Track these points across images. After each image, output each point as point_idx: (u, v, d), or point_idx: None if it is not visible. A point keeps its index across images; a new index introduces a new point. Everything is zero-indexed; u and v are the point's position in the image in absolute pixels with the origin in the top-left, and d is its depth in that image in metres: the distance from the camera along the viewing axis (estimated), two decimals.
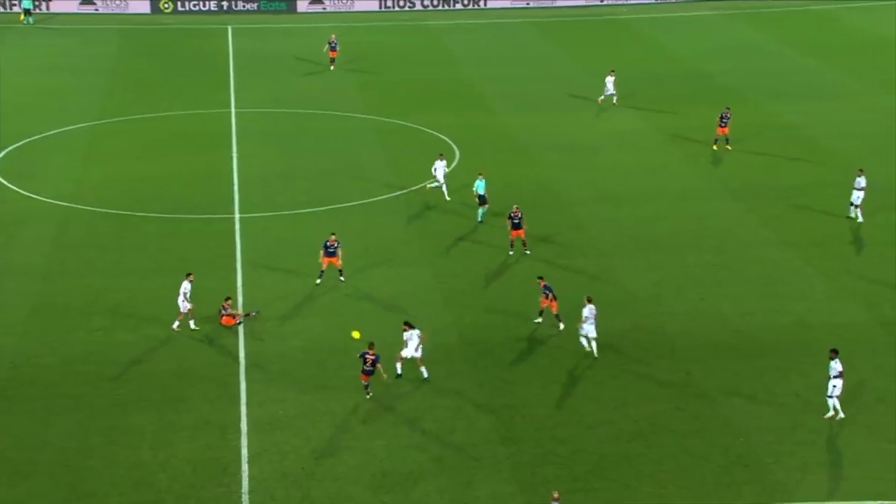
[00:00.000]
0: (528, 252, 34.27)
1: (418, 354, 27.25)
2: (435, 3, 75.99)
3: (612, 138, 46.28)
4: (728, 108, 44.34)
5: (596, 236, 35.67)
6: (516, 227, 33.96)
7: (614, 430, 25.12)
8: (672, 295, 31.79)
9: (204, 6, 74.60)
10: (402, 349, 27.37)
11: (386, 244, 35.59)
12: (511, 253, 34.31)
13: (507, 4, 76.06)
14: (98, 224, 37.35)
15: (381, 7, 75.73)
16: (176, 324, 29.78)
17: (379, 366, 26.25)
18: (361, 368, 26.37)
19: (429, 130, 47.44)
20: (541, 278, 29.93)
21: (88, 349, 28.97)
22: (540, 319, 29.90)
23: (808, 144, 44.73)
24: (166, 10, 74.00)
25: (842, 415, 25.36)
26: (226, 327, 29.83)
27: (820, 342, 28.80)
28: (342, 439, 24.88)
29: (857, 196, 36.48)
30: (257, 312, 30.57)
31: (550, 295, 29.35)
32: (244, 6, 75.02)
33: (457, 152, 44.43)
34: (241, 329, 29.76)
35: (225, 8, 74.74)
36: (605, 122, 48.59)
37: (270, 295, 31.94)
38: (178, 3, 74.23)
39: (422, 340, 27.25)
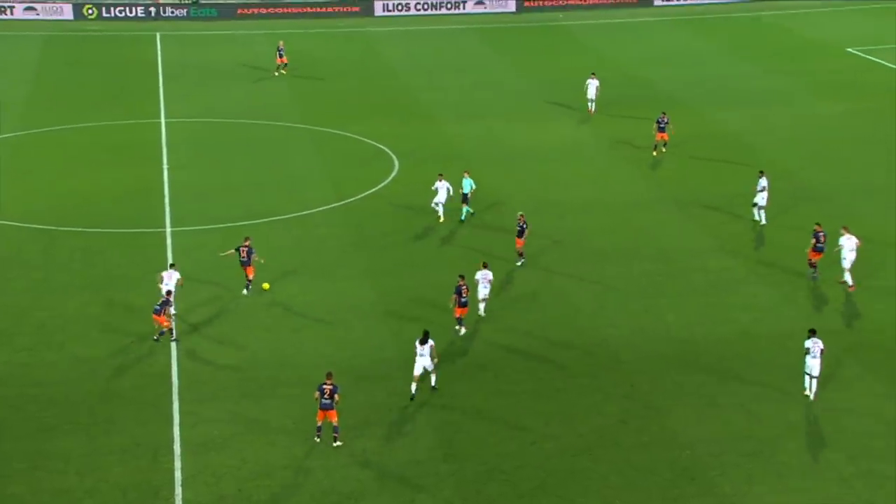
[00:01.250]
0: (519, 263, 34.42)
1: (431, 367, 27.03)
2: (389, 7, 76.03)
3: (555, 147, 46.67)
4: (664, 113, 45.03)
5: (539, 247, 35.88)
6: (519, 234, 34.35)
7: (559, 444, 25.26)
8: (616, 306, 32.10)
9: (131, 12, 73.78)
10: (414, 367, 26.80)
11: (323, 257, 35.47)
12: (518, 264, 34.44)
13: (444, 11, 76.54)
14: (21, 240, 36.68)
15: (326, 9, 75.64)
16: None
17: (337, 397, 24.81)
18: (319, 403, 24.73)
19: (367, 140, 47.43)
20: (462, 276, 30.04)
21: (11, 371, 28.40)
22: (462, 329, 30.18)
23: (748, 152, 45.52)
24: (90, 17, 72.98)
25: (815, 393, 26.73)
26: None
27: (764, 352, 29.32)
28: (279, 459, 24.68)
29: (761, 197, 37.46)
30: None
31: (462, 300, 29.68)
32: (173, 13, 74.35)
33: (396, 163, 44.46)
34: (173, 347, 29.41)
35: (153, 14, 73.99)
36: (548, 131, 49.00)
37: (203, 312, 31.61)
38: (103, 10, 73.30)
39: (433, 351, 27.01)
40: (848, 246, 32.68)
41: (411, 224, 38.12)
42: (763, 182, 37.58)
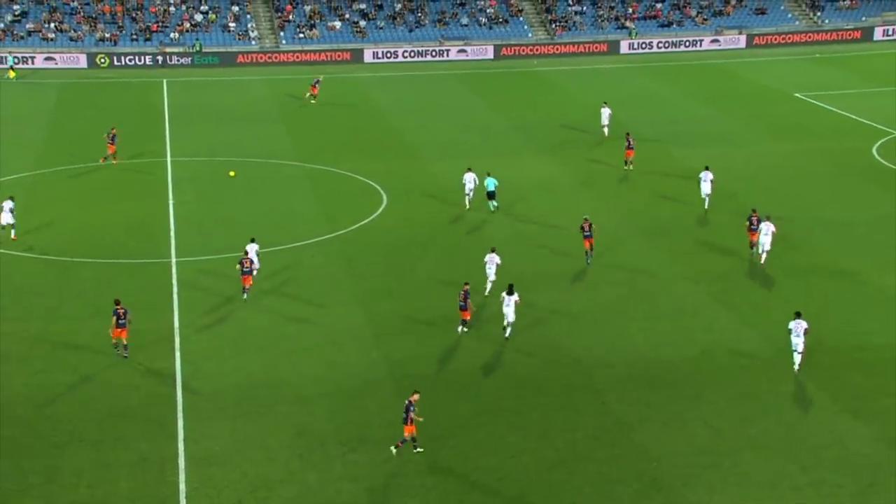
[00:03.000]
0: (589, 263, 36.56)
1: (512, 318, 30.51)
2: (378, 55, 76.54)
3: (530, 182, 46.81)
4: (628, 133, 48.26)
5: (517, 273, 35.89)
6: (587, 237, 36.45)
7: (537, 458, 25.15)
8: (589, 328, 32.09)
9: (140, 61, 73.91)
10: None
11: (317, 285, 35.37)
12: (587, 263, 36.58)
13: (429, 58, 77.00)
14: (37, 270, 36.45)
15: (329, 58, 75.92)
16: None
17: (412, 414, 24.65)
18: (404, 418, 24.72)
19: (358, 177, 47.47)
20: (466, 283, 31.45)
21: (27, 392, 28.12)
22: (464, 329, 31.22)
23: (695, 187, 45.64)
24: (103, 65, 73.07)
25: (798, 364, 28.80)
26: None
27: (725, 371, 29.35)
28: (277, 473, 24.48)
29: (706, 191, 41.84)
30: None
31: (468, 303, 30.96)
32: (179, 60, 74.52)
33: (384, 197, 44.49)
34: (177, 368, 29.22)
35: (160, 62, 74.15)
36: (524, 167, 49.17)
37: (207, 334, 31.45)
38: (115, 59, 73.42)
39: (517, 304, 30.57)
40: (764, 231, 36.32)
41: (399, 254, 38.12)
42: (708, 174, 42.00)
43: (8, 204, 39.11)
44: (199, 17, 78.61)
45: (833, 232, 39.98)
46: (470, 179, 42.62)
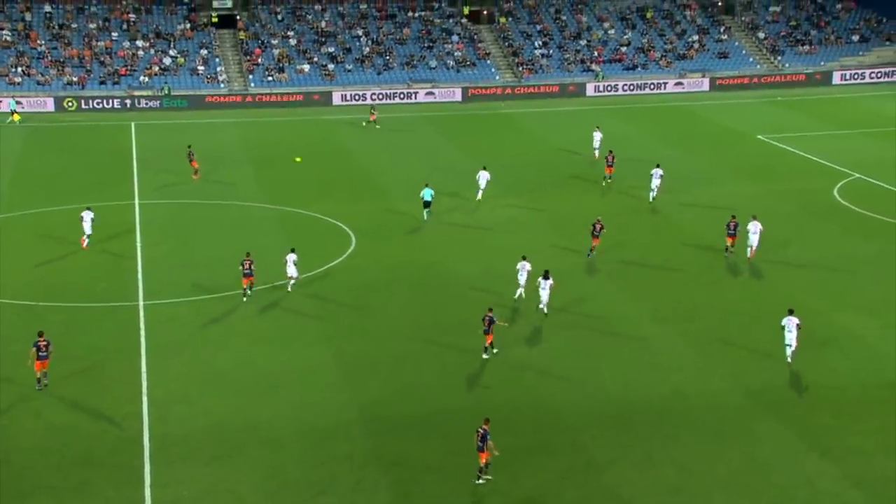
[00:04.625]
0: (589, 257, 40.77)
1: (546, 300, 34.60)
2: (346, 97, 76.91)
3: (500, 222, 47.03)
4: (611, 151, 53.12)
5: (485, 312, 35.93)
6: (595, 237, 40.84)
7: (506, 499, 25.01)
8: (559, 369, 32.11)
9: (108, 104, 73.67)
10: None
11: (286, 326, 35.19)
12: (588, 256, 41.05)
13: (397, 101, 77.44)
14: (2, 315, 35.95)
15: (304, 100, 76.07)
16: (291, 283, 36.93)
17: (490, 442, 25.31)
18: (479, 446, 25.35)
19: (327, 218, 47.46)
20: (490, 310, 32.42)
21: None
22: (494, 351, 32.31)
23: (674, 227, 46.19)
24: (70, 109, 72.75)
25: (789, 355, 31.48)
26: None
27: (695, 411, 29.45)
28: None
29: (655, 184, 48.65)
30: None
31: (491, 327, 32.10)
32: (147, 104, 74.39)
33: (353, 239, 44.50)
34: (145, 412, 28.85)
35: (128, 105, 73.95)
36: (493, 207, 49.42)
37: (175, 377, 31.13)
38: (82, 102, 73.13)
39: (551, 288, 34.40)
40: (752, 230, 40.67)
41: (367, 295, 38.05)
42: (658, 171, 48.89)
43: (88, 214, 42.95)
44: (167, 61, 78.67)
45: (796, 272, 40.42)
46: (483, 177, 49.70)
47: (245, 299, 36.86)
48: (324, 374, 31.56)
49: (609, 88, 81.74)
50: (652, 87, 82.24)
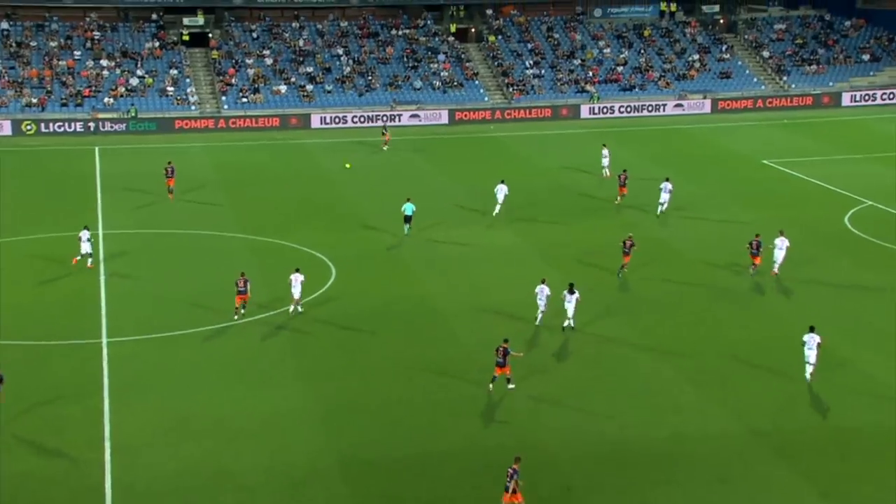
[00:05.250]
0: (620, 275, 42.92)
1: (572, 313, 36.92)
2: (326, 120, 77.34)
3: (491, 252, 47.27)
4: (625, 170, 55.17)
5: (475, 351, 36.07)
6: (626, 254, 42.95)
7: None
8: (552, 409, 32.21)
9: (70, 127, 73.81)
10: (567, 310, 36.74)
11: (261, 365, 35.21)
12: (619, 276, 43.10)
13: (379, 124, 77.91)
14: None
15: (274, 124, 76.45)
16: (291, 308, 38.62)
17: (517, 482, 25.64)
18: (506, 486, 25.61)
19: (305, 249, 47.59)
20: (506, 341, 32.86)
21: None
22: (511, 386, 32.94)
23: (675, 257, 46.49)
24: (29, 132, 72.82)
25: (810, 373, 33.06)
26: None
27: (695, 454, 29.55)
28: None
29: (665, 198, 51.52)
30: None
31: (507, 359, 32.57)
32: (112, 127, 74.59)
33: (333, 271, 44.63)
34: (107, 459, 28.78)
35: (92, 129, 74.10)
36: (483, 237, 49.68)
37: (140, 421, 31.08)
38: (42, 125, 73.24)
39: (577, 302, 36.94)
40: (779, 245, 43.27)
41: (348, 331, 38.12)
42: (668, 185, 51.84)
43: (85, 234, 44.26)
44: (134, 82, 79.03)
45: (803, 306, 40.70)
46: (501, 191, 52.07)
47: (236, 318, 38.37)
48: (301, 417, 31.56)
49: (605, 110, 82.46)
50: (650, 108, 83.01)
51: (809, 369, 33.43)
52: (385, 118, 76.90)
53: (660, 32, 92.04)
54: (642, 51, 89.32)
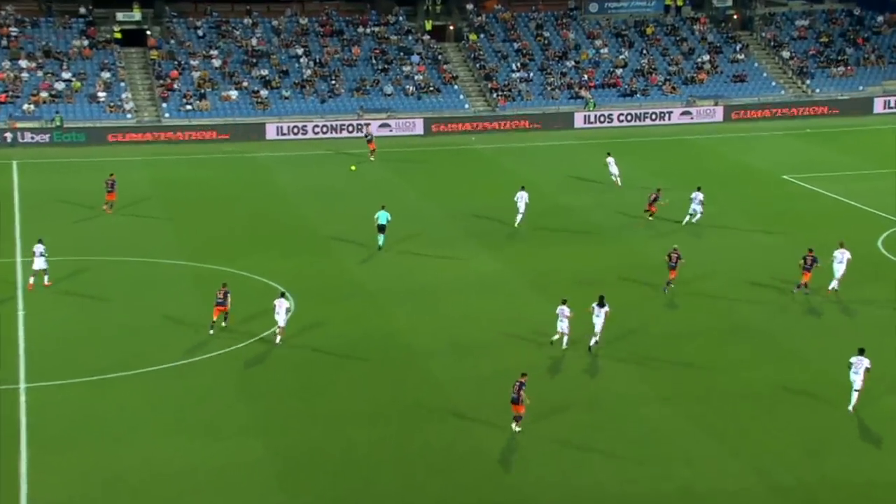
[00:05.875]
0: (666, 290, 45.12)
1: (599, 329, 39.03)
2: (283, 130, 77.37)
3: (468, 282, 47.29)
4: (659, 189, 56.36)
5: (454, 394, 35.99)
6: (672, 268, 45.04)
7: None
8: (542, 461, 32.16)
9: None
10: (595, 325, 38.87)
11: (207, 412, 35.03)
12: (666, 292, 45.23)
13: (345, 134, 78.01)
14: None
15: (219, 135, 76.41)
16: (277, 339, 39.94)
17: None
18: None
19: (257, 277, 47.48)
20: (524, 375, 33.68)
21: None
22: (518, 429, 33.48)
23: (681, 287, 46.58)
24: None
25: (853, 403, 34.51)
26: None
27: None
28: None
29: (696, 209, 54.54)
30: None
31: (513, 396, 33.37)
32: (33, 138, 74.33)
33: (291, 301, 44.50)
34: None
35: (9, 140, 73.81)
36: (463, 263, 49.70)
37: (64, 478, 30.81)
38: None
39: (606, 316, 39.05)
40: (839, 258, 45.19)
41: (308, 372, 38.00)
42: (699, 195, 54.78)
43: (39, 248, 45.48)
44: (60, 86, 78.88)
45: (827, 344, 40.81)
46: (522, 198, 54.81)
47: (212, 332, 40.59)
48: (254, 472, 31.39)
49: (602, 119, 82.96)
50: (654, 117, 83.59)
51: (854, 398, 34.69)
52: (363, 125, 77.11)
53: (664, 30, 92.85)
54: (644, 51, 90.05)
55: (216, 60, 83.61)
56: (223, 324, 41.18)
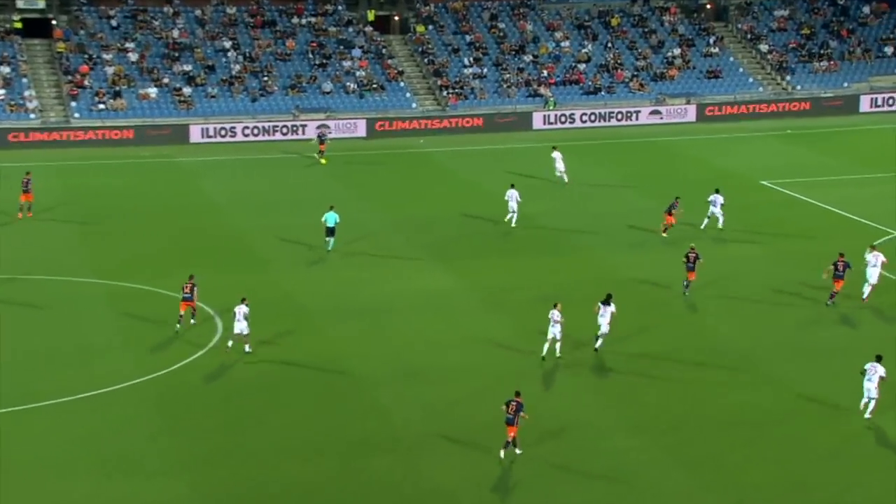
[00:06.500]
0: (686, 293, 47.22)
1: (606, 330, 41.11)
2: (209, 132, 76.96)
3: (417, 299, 47.32)
4: (678, 198, 56.26)
5: (402, 425, 36.00)
6: (690, 269, 47.06)
7: None
8: (501, 500, 32.23)
9: None
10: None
11: (126, 447, 34.76)
12: (686, 293, 47.42)
13: (279, 137, 77.84)
14: None
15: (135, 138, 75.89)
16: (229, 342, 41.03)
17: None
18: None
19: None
20: (518, 393, 34.08)
21: None
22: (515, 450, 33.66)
23: (652, 306, 46.93)
24: None
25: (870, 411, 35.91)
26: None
27: None
28: None
29: (716, 212, 56.19)
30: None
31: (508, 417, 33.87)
32: None
33: (219, 324, 44.36)
34: None
35: None
36: (412, 279, 49.74)
37: None
38: None
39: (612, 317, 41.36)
40: (872, 262, 46.90)
41: (239, 403, 37.83)
42: (718, 199, 56.40)
43: None
44: None
45: (810, 363, 41.28)
46: (513, 197, 56.79)
47: (178, 327, 42.91)
48: None
49: (563, 119, 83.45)
50: (620, 117, 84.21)
51: (871, 405, 36.12)
52: (324, 125, 77.15)
53: (631, 21, 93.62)
54: (609, 44, 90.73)
55: (133, 54, 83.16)
56: (191, 321, 43.15)
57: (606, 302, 41.38)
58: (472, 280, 49.97)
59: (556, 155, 65.55)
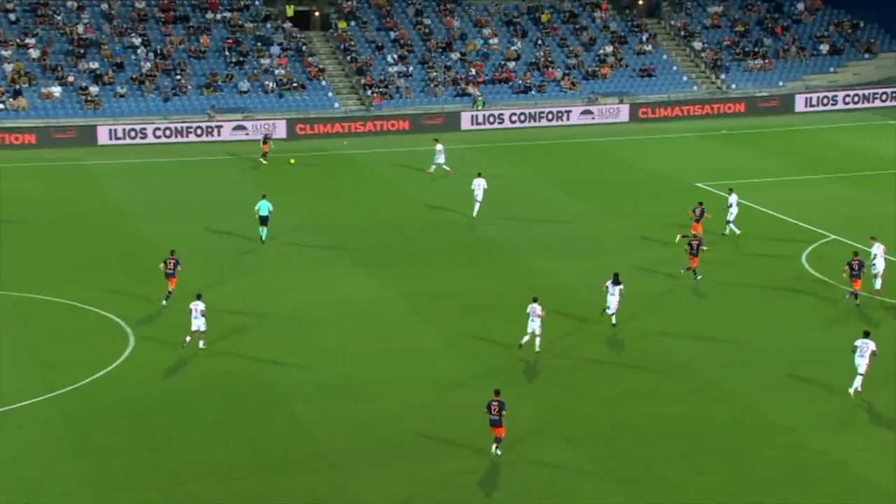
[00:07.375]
0: (698, 277, 49.66)
1: (614, 309, 44.54)
2: (118, 134, 76.19)
3: (340, 309, 47.11)
4: (701, 203, 55.99)
5: (325, 441, 35.75)
6: (693, 255, 49.50)
7: None
8: None
9: None
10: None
11: (29, 469, 34.20)
12: (698, 277, 49.86)
13: (193, 138, 77.21)
14: None
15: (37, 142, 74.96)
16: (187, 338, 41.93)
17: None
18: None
19: (89, 307, 46.72)
20: (497, 392, 34.82)
21: None
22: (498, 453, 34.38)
23: (586, 310, 47.03)
24: None
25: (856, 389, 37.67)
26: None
27: None
28: None
29: (731, 213, 57.08)
30: None
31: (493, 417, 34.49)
32: None
33: (130, 336, 43.88)
34: None
35: None
36: (335, 287, 49.51)
37: None
38: None
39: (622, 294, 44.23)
40: (877, 252, 48.29)
41: (150, 420, 37.35)
42: (733, 198, 57.23)
43: None
44: None
45: (758, 375, 41.55)
46: (479, 185, 58.38)
47: (164, 303, 46.14)
48: None
49: (492, 119, 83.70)
50: (551, 117, 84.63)
51: (857, 382, 37.83)
52: (269, 126, 76.77)
53: (562, 17, 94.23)
54: (540, 41, 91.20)
55: (34, 51, 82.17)
56: (164, 302, 46.08)
57: (615, 281, 44.19)
58: (397, 288, 49.83)
59: (439, 147, 67.94)
